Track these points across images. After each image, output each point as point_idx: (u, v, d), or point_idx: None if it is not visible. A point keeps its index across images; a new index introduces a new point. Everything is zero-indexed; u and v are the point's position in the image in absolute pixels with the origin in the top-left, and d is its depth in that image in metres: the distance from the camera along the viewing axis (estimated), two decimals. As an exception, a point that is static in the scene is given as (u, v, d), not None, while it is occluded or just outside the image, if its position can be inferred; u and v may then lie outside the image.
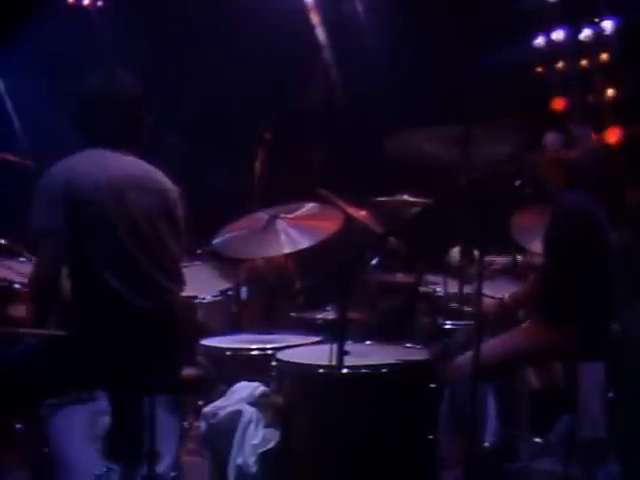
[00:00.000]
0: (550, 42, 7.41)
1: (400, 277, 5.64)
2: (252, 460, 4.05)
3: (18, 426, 3.94)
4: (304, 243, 4.91)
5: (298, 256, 5.29)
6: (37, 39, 7.40)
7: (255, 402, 4.19)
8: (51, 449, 3.92)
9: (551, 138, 4.32)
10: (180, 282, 3.83)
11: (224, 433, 4.16)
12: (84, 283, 3.61)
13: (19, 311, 4.19)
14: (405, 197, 5.69)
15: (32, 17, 7.34)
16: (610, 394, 4.46)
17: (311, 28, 7.88)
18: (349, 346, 3.58)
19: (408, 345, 4.47)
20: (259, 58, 7.42)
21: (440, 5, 7.19)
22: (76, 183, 3.55)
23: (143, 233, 3.65)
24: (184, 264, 4.00)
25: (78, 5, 8.09)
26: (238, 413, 4.15)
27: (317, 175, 7.26)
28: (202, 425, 4.28)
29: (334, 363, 3.48)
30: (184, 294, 3.93)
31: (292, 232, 4.96)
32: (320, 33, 7.88)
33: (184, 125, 7.64)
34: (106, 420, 3.71)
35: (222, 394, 4.30)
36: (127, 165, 3.71)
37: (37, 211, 3.57)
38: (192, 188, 3.97)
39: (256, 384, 4.25)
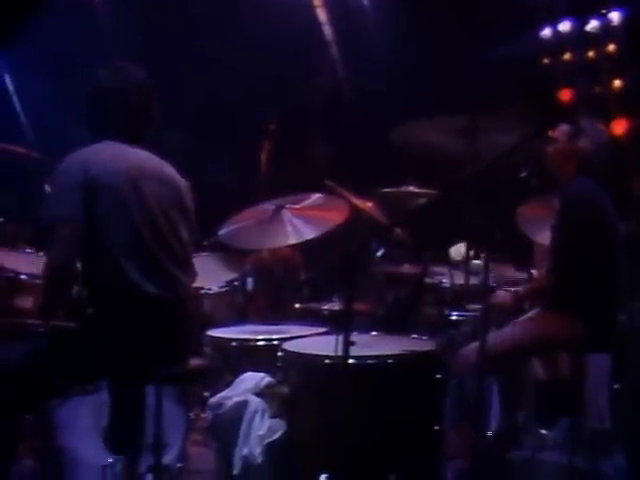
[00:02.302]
0: (557, 33, 7.40)
1: (406, 268, 5.63)
2: (258, 451, 4.06)
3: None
4: (310, 234, 4.91)
5: (304, 247, 5.28)
6: (43, 36, 7.40)
7: (261, 393, 4.19)
8: (57, 440, 3.93)
9: (560, 130, 4.32)
10: (192, 273, 3.84)
11: (230, 424, 4.16)
12: (98, 270, 3.59)
13: (26, 302, 4.19)
14: (411, 188, 5.69)
15: (38, 15, 7.34)
16: (616, 385, 4.45)
17: (316, 23, 7.87)
18: (355, 337, 3.58)
19: (414, 336, 4.47)
20: (263, 53, 7.42)
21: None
22: (94, 170, 3.55)
23: (158, 223, 3.65)
24: (191, 255, 4.00)
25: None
26: (244, 404, 4.16)
27: (323, 166, 7.26)
28: (208, 416, 4.29)
29: (340, 354, 3.48)
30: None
31: (298, 223, 4.95)
32: (326, 28, 7.87)
33: (187, 120, 7.63)
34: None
35: (228, 385, 4.30)
36: (141, 157, 3.72)
37: (54, 197, 3.57)
38: (195, 181, 3.97)
39: (262, 375, 4.25)
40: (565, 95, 7.18)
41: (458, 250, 5.51)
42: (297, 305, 5.51)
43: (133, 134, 3.74)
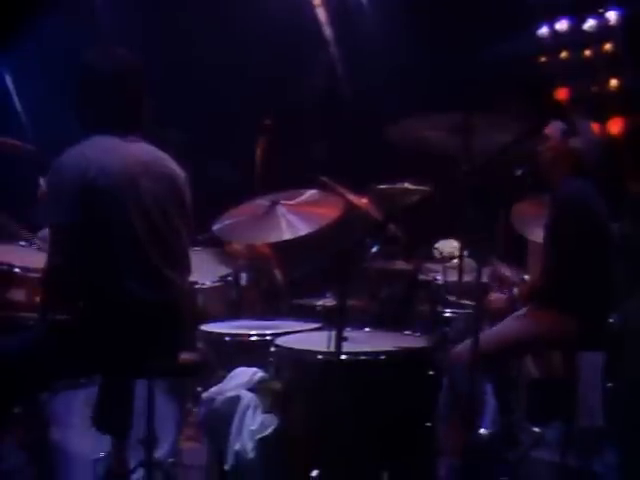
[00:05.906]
0: (554, 32, 7.41)
1: (400, 265, 5.64)
2: (250, 446, 4.05)
3: (16, 409, 3.94)
4: (304, 230, 4.90)
5: (298, 243, 5.28)
6: (44, 36, 7.40)
7: (253, 388, 4.19)
8: (49, 433, 3.93)
9: (553, 128, 4.32)
10: (188, 269, 3.80)
11: (222, 419, 4.15)
12: (94, 271, 3.54)
13: (19, 295, 4.19)
14: (406, 185, 5.69)
15: (38, 14, 7.33)
16: (608, 384, 4.46)
17: (314, 20, 7.88)
18: (348, 333, 3.58)
19: (407, 332, 4.47)
20: (262, 50, 7.42)
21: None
22: (91, 173, 3.47)
23: (155, 222, 3.60)
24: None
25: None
26: (236, 399, 4.15)
27: (318, 163, 7.26)
28: (200, 411, 4.29)
29: (333, 349, 3.49)
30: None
31: (292, 218, 4.94)
32: (325, 27, 7.88)
33: (185, 117, 7.62)
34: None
35: (221, 379, 4.30)
36: (137, 152, 3.63)
37: (50, 201, 3.53)
38: (193, 178, 3.95)
39: (254, 370, 4.25)
40: (561, 94, 7.19)
41: (444, 246, 5.53)
42: (291, 300, 5.52)
43: (127, 123, 3.64)
